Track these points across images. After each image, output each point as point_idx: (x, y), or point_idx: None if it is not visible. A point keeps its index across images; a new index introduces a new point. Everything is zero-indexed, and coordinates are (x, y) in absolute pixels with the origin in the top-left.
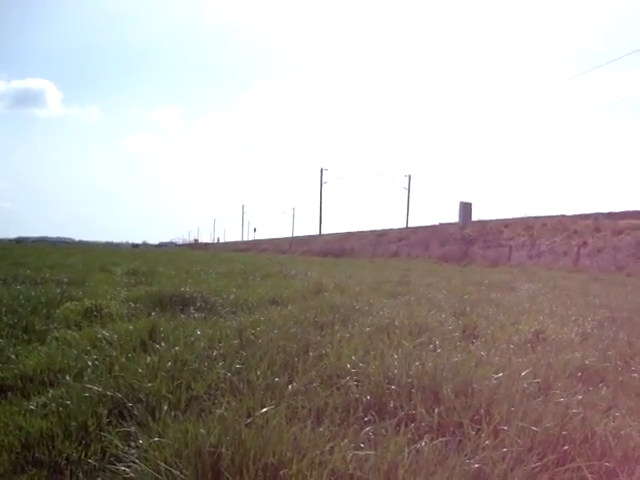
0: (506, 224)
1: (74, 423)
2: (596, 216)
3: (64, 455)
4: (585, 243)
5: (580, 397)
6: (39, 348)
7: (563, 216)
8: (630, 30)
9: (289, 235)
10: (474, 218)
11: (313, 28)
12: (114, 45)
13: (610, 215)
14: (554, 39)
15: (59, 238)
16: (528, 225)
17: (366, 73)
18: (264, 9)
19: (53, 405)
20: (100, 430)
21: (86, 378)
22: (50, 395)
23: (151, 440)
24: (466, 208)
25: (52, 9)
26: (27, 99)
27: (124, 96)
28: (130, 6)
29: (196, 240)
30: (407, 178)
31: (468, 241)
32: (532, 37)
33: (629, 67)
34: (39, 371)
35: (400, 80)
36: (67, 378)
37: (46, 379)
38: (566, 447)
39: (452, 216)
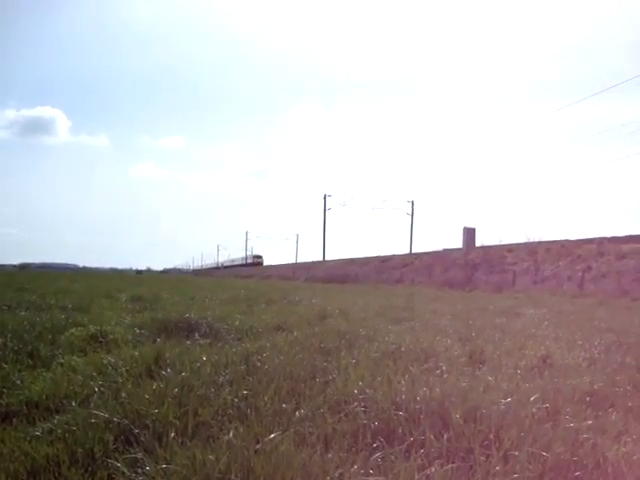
0: (510, 249)
1: (80, 449)
2: (600, 241)
3: None
4: (589, 268)
5: (590, 422)
6: (44, 374)
7: (567, 241)
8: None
9: (293, 261)
10: (478, 243)
11: (315, 56)
12: (123, 74)
13: (613, 239)
14: (557, 62)
15: (63, 264)
16: (532, 250)
17: (369, 100)
18: (269, 40)
19: (59, 431)
20: (107, 456)
21: (92, 404)
22: (56, 421)
23: (159, 467)
24: (470, 233)
25: (62, 38)
26: (36, 127)
27: (132, 124)
28: (139, 36)
29: (256, 258)
30: (410, 204)
31: (472, 267)
32: (534, 61)
33: (630, 93)
34: (45, 397)
35: (403, 106)
36: (73, 404)
37: (52, 405)
38: (578, 473)
39: (456, 242)
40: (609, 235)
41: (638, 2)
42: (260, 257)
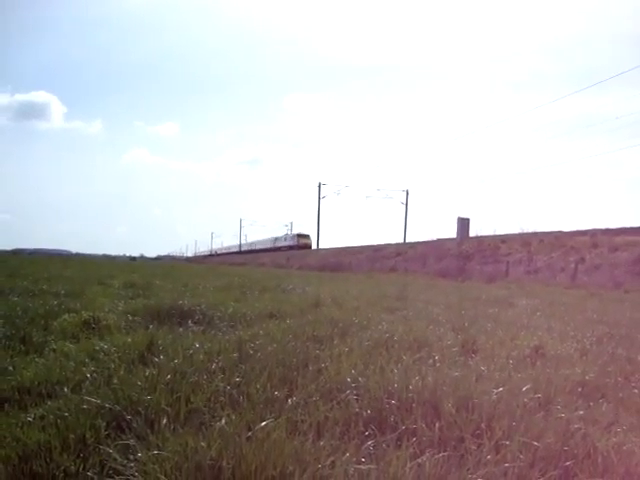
0: (503, 240)
1: (72, 435)
2: (593, 232)
3: (62, 468)
4: (582, 259)
5: (581, 413)
6: (37, 360)
7: (560, 232)
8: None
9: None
10: (472, 234)
11: (310, 44)
12: (119, 60)
13: (607, 231)
14: (550, 55)
15: (56, 250)
16: (525, 241)
17: (364, 89)
18: (264, 27)
19: (51, 417)
20: (98, 443)
21: (84, 390)
22: (48, 407)
23: (150, 453)
24: (464, 224)
25: (56, 23)
26: (30, 112)
27: (127, 110)
28: (135, 22)
29: (302, 237)
30: (405, 193)
31: (465, 257)
32: (528, 53)
33: (629, 84)
34: (37, 383)
35: (398, 95)
36: (65, 390)
37: (44, 391)
38: (568, 463)
39: (450, 232)
40: (602, 227)
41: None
42: (307, 237)
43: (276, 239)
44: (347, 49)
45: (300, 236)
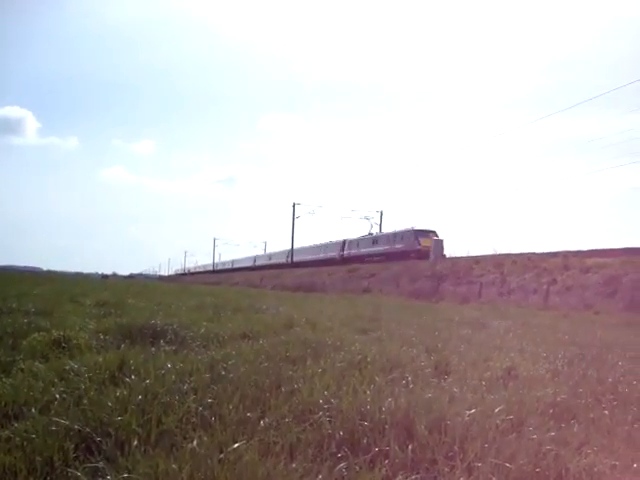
0: (477, 261)
1: (39, 458)
2: (565, 254)
3: None
4: (554, 281)
5: (553, 434)
6: (4, 380)
7: (533, 254)
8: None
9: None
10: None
11: (286, 64)
12: (96, 76)
13: (578, 253)
14: (519, 80)
15: (27, 267)
16: (498, 262)
17: (340, 110)
18: (242, 48)
19: (17, 439)
20: (66, 465)
21: (53, 411)
22: (14, 429)
23: (120, 476)
24: (438, 245)
25: (32, 38)
26: (4, 127)
27: (104, 128)
28: (113, 39)
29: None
30: (379, 214)
31: (439, 277)
32: (505, 75)
33: (599, 109)
34: (3, 403)
35: (372, 116)
36: (33, 411)
37: (10, 412)
38: None
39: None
40: (574, 249)
41: (620, 21)
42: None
43: (347, 242)
44: (322, 70)
45: (422, 234)
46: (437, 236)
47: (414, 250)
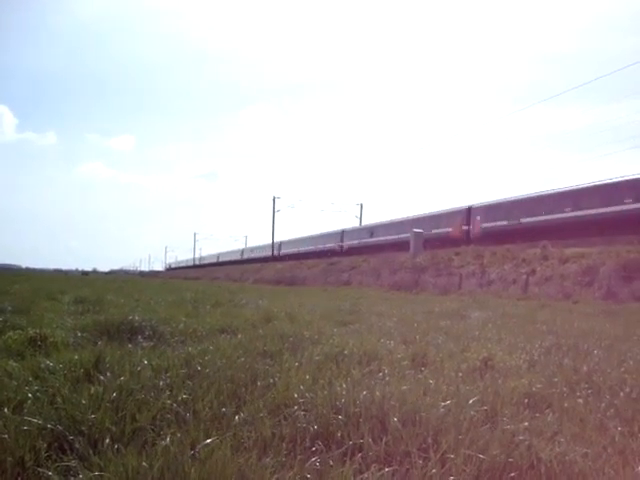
0: (457, 252)
1: (10, 458)
2: (543, 245)
3: None
4: (533, 271)
5: (526, 424)
6: None
7: (512, 245)
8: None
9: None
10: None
11: (269, 59)
12: (73, 71)
13: (556, 244)
14: (497, 74)
15: (4, 265)
16: (478, 254)
17: (320, 103)
18: (221, 41)
19: None
20: (38, 465)
21: (25, 410)
22: None
23: (91, 474)
24: (418, 237)
25: (10, 34)
26: None
27: (82, 123)
28: (90, 34)
29: None
30: (359, 207)
31: (419, 269)
32: (475, 73)
33: (577, 100)
34: None
35: (352, 110)
36: (5, 411)
37: None
38: (512, 474)
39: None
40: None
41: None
42: None
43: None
44: (303, 63)
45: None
46: None
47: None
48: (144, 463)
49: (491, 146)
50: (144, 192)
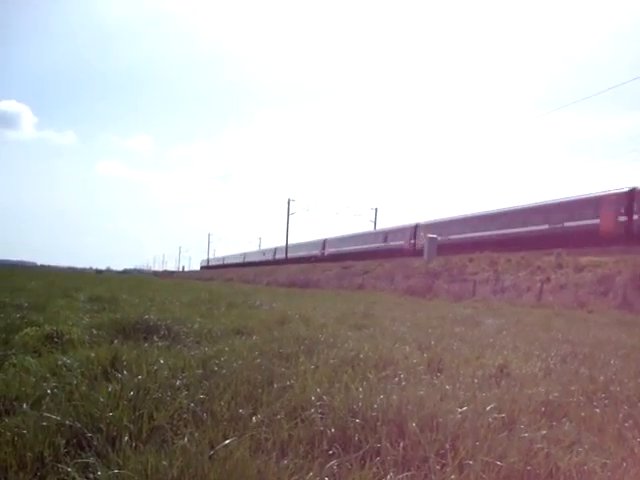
0: (471, 259)
1: (30, 454)
2: (558, 252)
3: None
4: (548, 279)
5: (544, 432)
6: None
7: (527, 252)
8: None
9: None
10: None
11: (285, 62)
12: (94, 71)
13: (571, 252)
14: (517, 81)
15: (20, 261)
16: (492, 260)
17: (335, 106)
18: (239, 43)
19: (8, 434)
20: (57, 461)
21: (44, 406)
22: (5, 424)
23: (110, 472)
24: (432, 242)
25: (29, 32)
26: (1, 121)
27: (101, 122)
28: (110, 34)
29: None
30: (374, 211)
31: (433, 275)
32: (494, 78)
33: (597, 107)
34: None
35: (368, 113)
36: (24, 406)
37: (1, 407)
38: None
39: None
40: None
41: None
42: None
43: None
44: (319, 66)
45: None
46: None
47: None
48: (164, 462)
49: (510, 151)
50: (160, 192)
